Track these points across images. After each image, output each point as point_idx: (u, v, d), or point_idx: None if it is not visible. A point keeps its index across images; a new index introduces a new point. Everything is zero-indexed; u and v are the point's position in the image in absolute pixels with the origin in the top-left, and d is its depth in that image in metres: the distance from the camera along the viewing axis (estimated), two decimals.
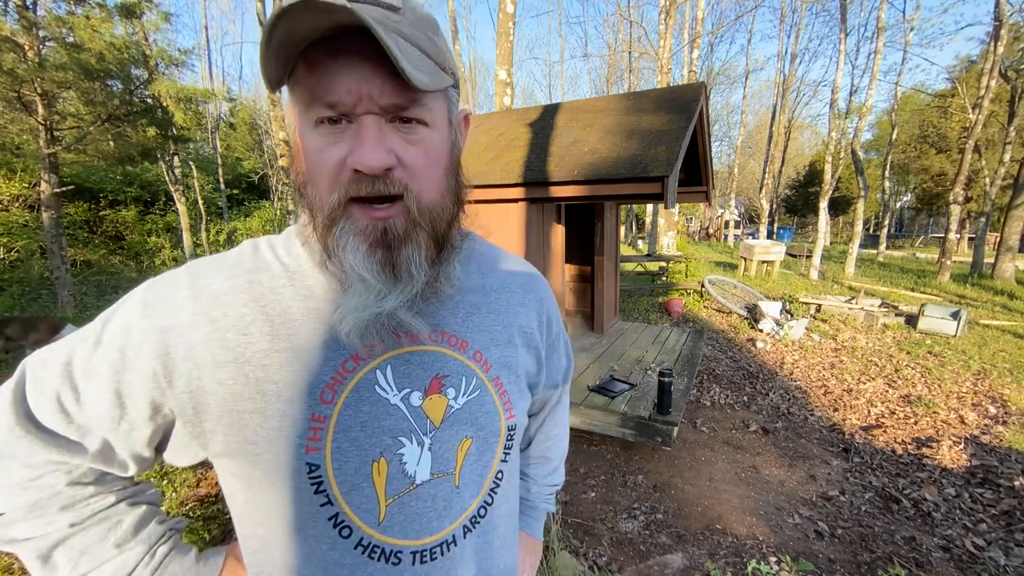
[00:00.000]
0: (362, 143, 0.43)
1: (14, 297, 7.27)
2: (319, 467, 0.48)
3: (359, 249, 0.46)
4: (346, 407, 0.49)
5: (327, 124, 0.44)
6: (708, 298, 7.90)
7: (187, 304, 0.48)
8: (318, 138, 0.44)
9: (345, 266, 0.47)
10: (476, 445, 0.55)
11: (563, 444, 0.86)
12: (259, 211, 15.10)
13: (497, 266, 0.65)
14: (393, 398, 0.51)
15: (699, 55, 13.23)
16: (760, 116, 33.75)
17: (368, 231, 0.46)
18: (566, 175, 3.30)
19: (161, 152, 8.92)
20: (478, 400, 0.56)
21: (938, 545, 2.35)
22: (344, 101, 0.42)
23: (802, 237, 32.13)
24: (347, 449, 0.49)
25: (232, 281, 0.50)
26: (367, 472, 0.49)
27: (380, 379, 0.51)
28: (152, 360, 0.46)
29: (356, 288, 0.47)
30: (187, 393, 0.47)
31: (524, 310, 0.64)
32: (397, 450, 0.50)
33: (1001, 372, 4.73)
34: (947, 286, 9.90)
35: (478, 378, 0.56)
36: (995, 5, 9.65)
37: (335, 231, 0.46)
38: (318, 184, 0.46)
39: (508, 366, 0.60)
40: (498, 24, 6.50)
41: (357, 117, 0.43)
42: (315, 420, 0.48)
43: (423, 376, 0.53)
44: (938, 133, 21.29)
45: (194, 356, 0.46)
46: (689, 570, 2.16)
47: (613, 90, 24.80)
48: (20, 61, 5.15)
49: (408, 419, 0.51)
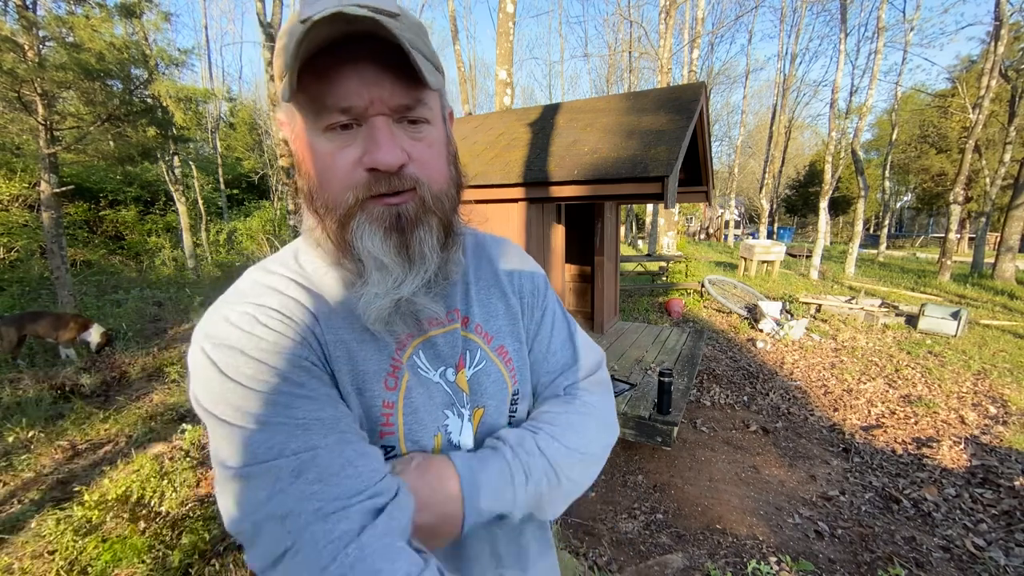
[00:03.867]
0: (378, 143, 0.45)
1: (14, 297, 7.27)
2: (394, 448, 0.52)
3: (376, 234, 0.48)
4: (409, 390, 0.53)
5: (338, 129, 0.45)
6: (708, 298, 7.90)
7: (252, 322, 0.46)
8: (328, 143, 0.46)
9: (363, 254, 0.48)
10: (488, 413, 0.59)
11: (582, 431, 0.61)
12: (259, 211, 15.10)
13: (487, 246, 0.68)
14: (434, 377, 0.56)
15: (699, 55, 13.23)
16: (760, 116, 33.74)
17: (384, 216, 0.48)
18: (566, 175, 3.30)
19: (161, 152, 8.93)
20: (484, 371, 0.60)
21: (938, 545, 2.35)
22: (357, 105, 0.44)
23: (802, 237, 32.12)
24: (416, 429, 0.53)
25: (285, 292, 0.50)
26: (431, 447, 0.54)
27: (419, 362, 0.55)
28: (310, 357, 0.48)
29: (374, 277, 0.49)
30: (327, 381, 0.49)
31: (506, 277, 0.66)
32: (444, 422, 0.56)
33: (1001, 372, 4.72)
34: (947, 286, 9.90)
35: (482, 350, 0.60)
36: (995, 5, 9.65)
37: (352, 225, 0.48)
38: (331, 187, 0.47)
39: (511, 334, 0.63)
40: (498, 24, 6.50)
41: (368, 119, 0.45)
42: (385, 406, 0.51)
43: (452, 354, 0.57)
44: (938, 133, 21.27)
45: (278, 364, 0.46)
46: (689, 570, 2.16)
47: (613, 90, 24.79)
48: (20, 61, 5.15)
49: (449, 393, 0.57)
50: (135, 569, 2.02)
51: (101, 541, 2.14)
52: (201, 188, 13.36)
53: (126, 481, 2.50)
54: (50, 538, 2.19)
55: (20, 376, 4.20)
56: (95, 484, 2.64)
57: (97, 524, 2.26)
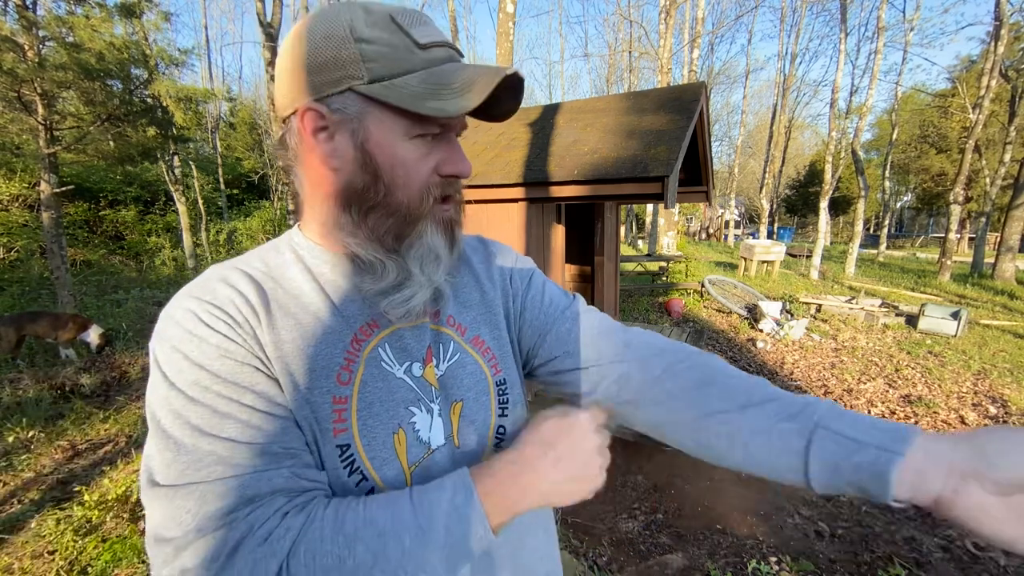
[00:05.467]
0: (460, 156, 0.53)
1: (14, 297, 7.27)
2: (349, 446, 0.50)
3: (437, 233, 0.54)
4: (364, 384, 0.52)
5: (428, 138, 0.51)
6: (708, 298, 7.90)
7: (194, 321, 0.47)
8: (414, 149, 0.50)
9: (423, 250, 0.53)
10: (467, 406, 0.58)
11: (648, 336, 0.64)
12: (259, 211, 15.11)
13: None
14: (398, 372, 0.54)
15: (699, 55, 13.23)
16: (760, 116, 33.78)
17: (444, 219, 0.55)
18: (566, 175, 3.30)
19: (161, 152, 8.92)
20: (459, 363, 0.59)
21: (938, 545, 2.35)
22: (455, 123, 0.52)
23: (802, 237, 32.11)
24: (372, 425, 0.51)
25: (235, 286, 0.50)
26: (391, 444, 0.52)
27: (383, 356, 0.54)
28: (255, 361, 0.47)
29: (425, 270, 0.53)
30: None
31: (482, 268, 0.68)
32: (409, 419, 0.54)
33: (1001, 372, 4.72)
34: (947, 286, 9.90)
35: (455, 342, 0.60)
36: (995, 5, 9.65)
37: (421, 224, 0.53)
38: (410, 187, 0.51)
39: (488, 323, 0.64)
40: (498, 24, 6.50)
41: (447, 134, 0.52)
42: (337, 402, 0.50)
43: (419, 348, 0.56)
44: (938, 133, 21.29)
45: (219, 371, 0.46)
46: (689, 570, 2.16)
47: (613, 90, 24.79)
48: (20, 61, 5.14)
49: (415, 389, 0.55)
50: (135, 569, 2.02)
51: (101, 541, 2.14)
52: (201, 188, 13.35)
53: (126, 481, 2.50)
54: (50, 538, 2.19)
55: (20, 376, 4.20)
56: (95, 484, 2.64)
57: (97, 524, 2.26)
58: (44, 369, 4.43)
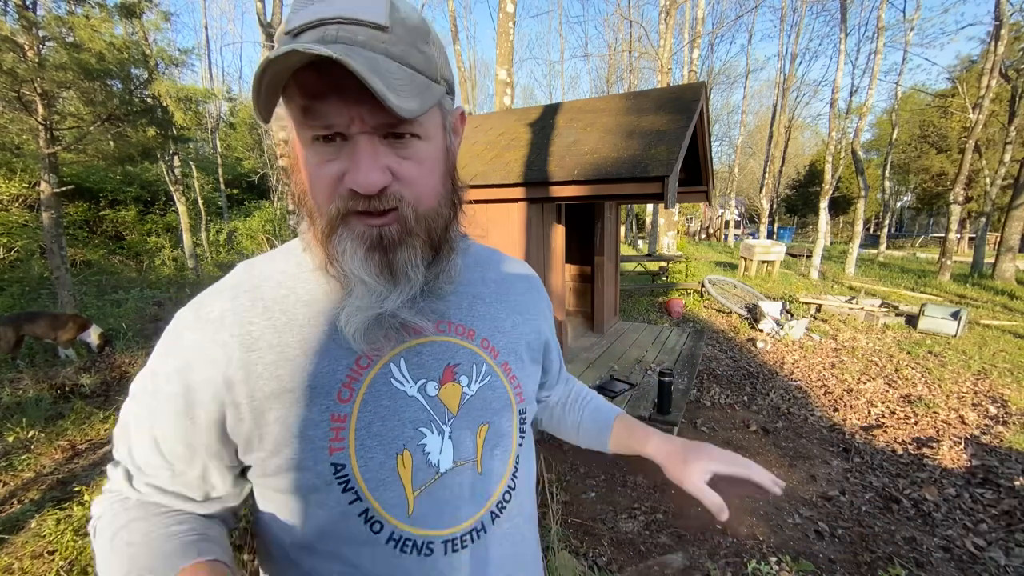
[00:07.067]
0: (357, 165, 0.43)
1: (14, 297, 7.27)
2: (344, 466, 0.48)
3: (357, 253, 0.47)
4: (365, 403, 0.50)
5: (322, 142, 0.44)
6: (708, 298, 7.90)
7: (193, 338, 0.49)
8: (315, 154, 0.44)
9: (345, 270, 0.47)
10: (492, 430, 0.56)
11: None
12: (259, 211, 15.08)
13: (494, 262, 0.68)
14: (410, 390, 0.52)
15: (699, 55, 13.21)
16: (760, 116, 33.74)
17: (365, 236, 0.47)
18: (566, 175, 3.30)
19: (161, 152, 8.90)
20: (490, 386, 0.57)
21: (938, 545, 2.35)
22: (337, 123, 0.42)
23: (802, 237, 32.09)
24: (371, 445, 0.49)
25: (234, 301, 0.51)
26: (392, 466, 0.50)
27: (395, 372, 0.52)
28: (178, 400, 0.48)
29: (358, 290, 0.48)
30: (215, 424, 0.49)
31: (525, 298, 0.67)
32: (419, 441, 0.51)
33: (1001, 372, 4.72)
34: (947, 286, 9.89)
35: (488, 364, 0.58)
36: (995, 5, 9.65)
37: (334, 238, 0.47)
38: (317, 196, 0.46)
39: (514, 352, 0.62)
40: (498, 24, 6.50)
41: (351, 136, 0.43)
42: (335, 420, 0.48)
43: (436, 366, 0.54)
44: (938, 133, 21.28)
45: (211, 386, 0.48)
46: (689, 570, 2.15)
47: (613, 90, 24.79)
48: (20, 61, 5.14)
49: (427, 409, 0.52)
50: None
51: None
52: (201, 188, 13.34)
53: None
54: (50, 538, 2.19)
55: (20, 376, 4.20)
56: (95, 484, 2.64)
57: None
58: (44, 369, 4.43)
